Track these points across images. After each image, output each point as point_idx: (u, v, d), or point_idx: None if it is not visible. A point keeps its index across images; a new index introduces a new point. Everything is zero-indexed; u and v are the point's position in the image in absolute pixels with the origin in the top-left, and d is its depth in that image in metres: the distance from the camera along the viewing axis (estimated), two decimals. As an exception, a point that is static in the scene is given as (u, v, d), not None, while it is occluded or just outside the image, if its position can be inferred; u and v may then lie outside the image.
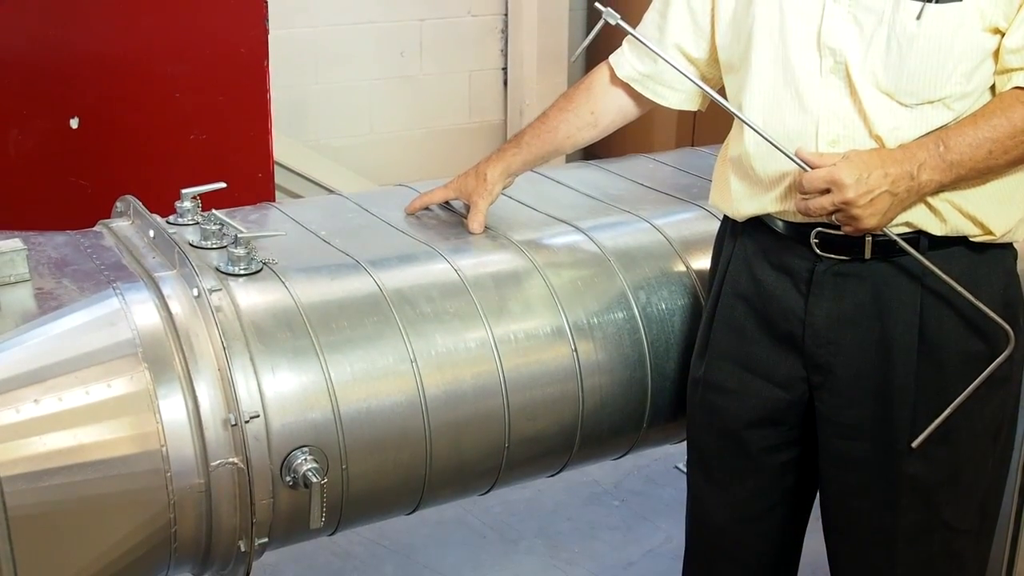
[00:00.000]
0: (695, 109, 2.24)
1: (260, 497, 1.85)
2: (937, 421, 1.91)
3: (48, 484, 1.71)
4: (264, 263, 2.05)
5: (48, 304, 1.93)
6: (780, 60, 1.92)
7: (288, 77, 4.64)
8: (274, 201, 3.41)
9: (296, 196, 4.53)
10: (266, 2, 3.55)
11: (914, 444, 1.93)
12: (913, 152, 1.80)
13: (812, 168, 1.81)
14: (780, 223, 1.98)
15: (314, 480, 1.85)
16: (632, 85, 2.22)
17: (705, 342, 2.13)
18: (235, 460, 1.83)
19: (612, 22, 1.95)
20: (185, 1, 3.45)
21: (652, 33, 2.17)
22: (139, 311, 1.90)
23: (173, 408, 1.81)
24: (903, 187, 1.79)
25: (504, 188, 2.34)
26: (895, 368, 1.93)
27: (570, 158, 3.81)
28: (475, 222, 2.29)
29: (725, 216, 2.14)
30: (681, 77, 2.11)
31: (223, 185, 2.25)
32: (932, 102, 1.83)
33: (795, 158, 1.83)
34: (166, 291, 1.93)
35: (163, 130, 3.49)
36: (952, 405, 1.91)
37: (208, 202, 2.24)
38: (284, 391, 1.88)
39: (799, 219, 1.92)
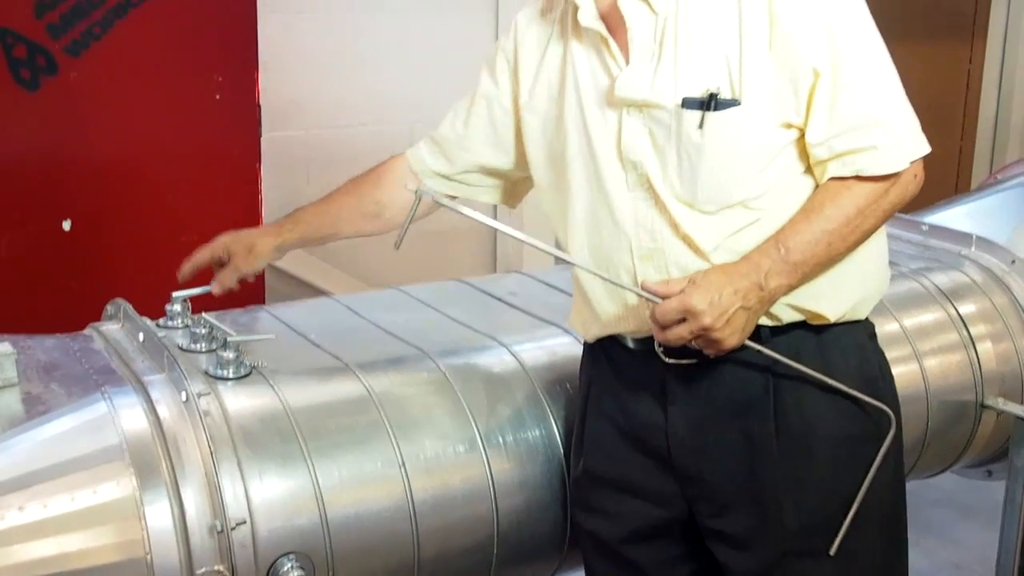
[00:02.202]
0: (499, 203, 2.25)
1: (246, 605, 1.83)
2: (847, 522, 1.89)
3: (31, 593, 1.69)
4: (253, 367, 2.05)
5: (36, 409, 1.92)
6: (593, 178, 1.92)
7: (280, 178, 4.67)
8: (264, 303, 3.41)
9: (287, 297, 4.53)
10: (259, 106, 3.59)
11: (831, 551, 1.90)
12: (756, 262, 1.79)
13: (661, 298, 1.79)
14: (630, 339, 1.98)
15: (300, 587, 1.84)
16: (426, 181, 2.20)
17: (579, 463, 2.09)
18: (220, 568, 1.81)
19: (428, 197, 1.90)
20: (179, 105, 3.48)
21: (450, 137, 2.20)
22: (127, 416, 1.89)
23: (159, 515, 1.79)
24: (754, 299, 1.78)
25: (270, 262, 2.28)
26: (761, 464, 1.90)
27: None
28: (221, 285, 2.22)
29: None
30: (482, 177, 2.17)
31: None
32: (731, 206, 1.83)
33: (641, 292, 1.82)
34: (154, 395, 1.92)
35: (155, 232, 3.50)
36: (857, 500, 1.90)
37: (199, 305, 2.25)
38: (271, 497, 1.87)
39: (644, 332, 1.91)
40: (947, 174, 6.30)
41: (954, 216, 3.18)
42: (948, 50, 6.36)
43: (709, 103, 1.78)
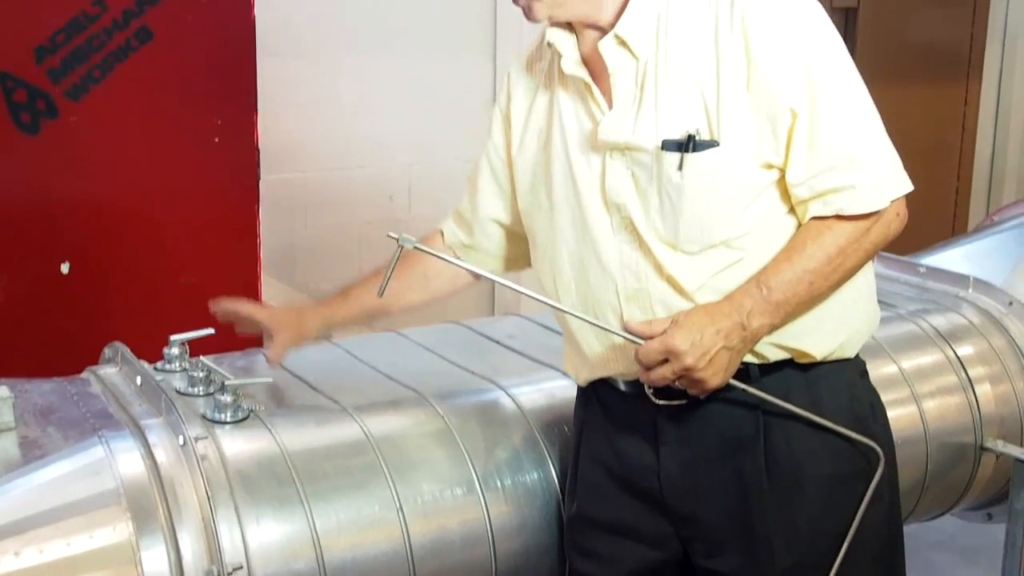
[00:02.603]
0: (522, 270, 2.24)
1: (242, 651, 1.82)
2: (838, 560, 1.89)
3: (26, 639, 1.68)
4: (251, 410, 2.05)
5: (32, 453, 1.92)
6: (579, 222, 1.94)
7: (278, 221, 4.68)
8: (262, 346, 3.41)
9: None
10: (258, 149, 3.60)
11: None
12: (739, 302, 1.80)
13: (644, 339, 1.80)
14: (620, 381, 1.98)
15: (297, 633, 1.83)
16: (456, 253, 2.22)
17: (572, 506, 2.09)
18: (217, 613, 1.80)
19: (409, 247, 1.90)
20: (177, 148, 3.49)
21: (467, 206, 2.22)
22: (124, 460, 1.88)
23: (155, 560, 1.78)
24: (737, 339, 1.79)
25: (317, 339, 2.25)
26: (752, 503, 1.90)
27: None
28: (272, 353, 2.19)
29: None
30: (500, 243, 2.19)
31: (211, 331, 2.27)
32: (714, 246, 1.84)
33: (624, 334, 1.83)
34: (152, 439, 1.92)
35: (153, 275, 3.51)
36: (847, 538, 1.89)
37: (197, 347, 2.25)
38: (268, 541, 1.86)
39: (633, 375, 1.91)
40: (944, 215, 6.32)
41: (951, 258, 3.18)
42: (944, 91, 6.39)
43: (687, 144, 1.80)
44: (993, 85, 6.71)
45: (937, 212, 6.34)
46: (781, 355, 1.89)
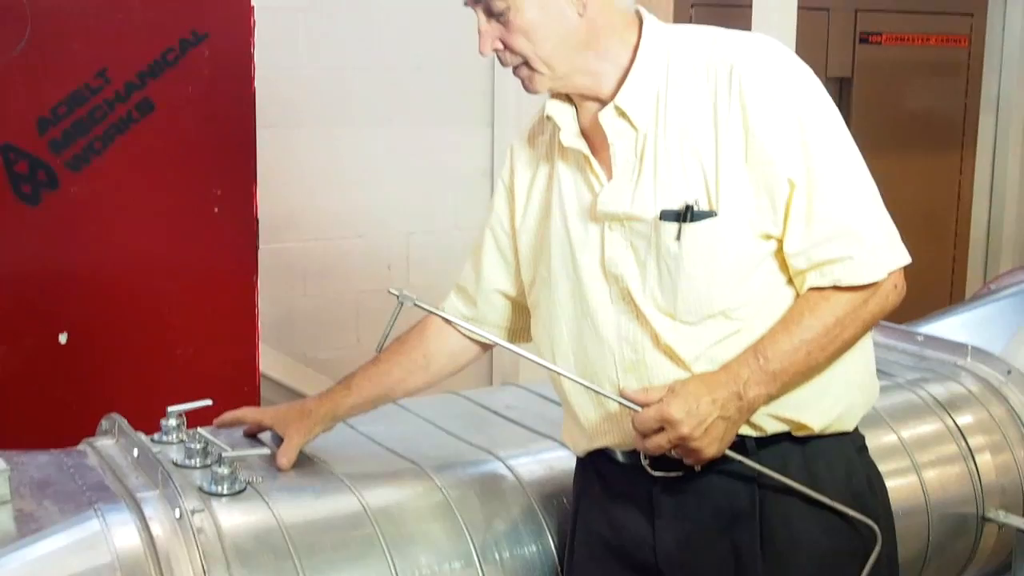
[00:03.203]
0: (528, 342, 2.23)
1: None
2: None
3: None
4: (248, 482, 2.04)
5: (28, 526, 1.91)
6: (577, 293, 1.95)
7: (276, 290, 4.69)
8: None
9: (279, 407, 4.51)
10: (257, 219, 3.62)
11: None
12: (735, 371, 1.81)
13: (640, 406, 1.80)
14: (618, 452, 1.98)
15: None
16: (458, 328, 2.20)
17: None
18: None
19: (408, 304, 1.94)
20: (177, 219, 3.50)
21: (470, 278, 2.23)
22: (119, 533, 1.87)
23: (151, 635, 1.77)
24: (733, 409, 1.79)
25: (324, 431, 2.22)
26: None
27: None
28: (285, 457, 2.14)
29: None
30: (504, 315, 2.19)
31: (209, 403, 2.26)
32: (712, 316, 1.84)
33: (621, 400, 1.84)
34: (148, 512, 1.91)
35: (151, 346, 3.50)
36: None
37: (194, 418, 2.24)
38: (265, 616, 1.84)
39: (630, 445, 1.91)
40: (941, 284, 6.33)
41: (949, 326, 3.18)
42: (939, 160, 6.43)
43: (685, 214, 1.81)
44: (987, 154, 6.76)
45: (934, 280, 6.36)
46: (779, 427, 1.88)
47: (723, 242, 1.82)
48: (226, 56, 3.49)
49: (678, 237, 1.82)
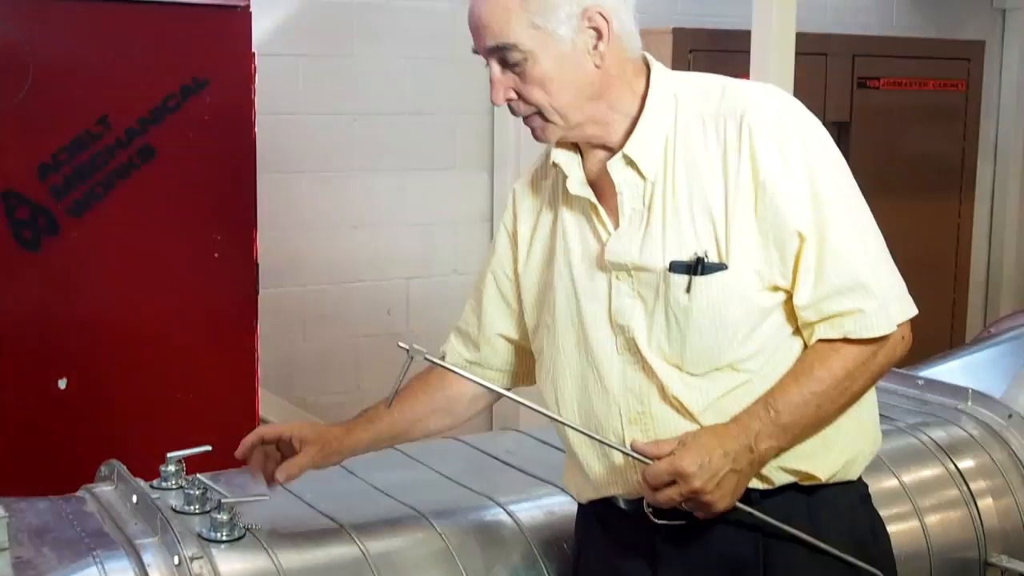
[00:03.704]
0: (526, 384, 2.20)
1: None
2: None
3: None
4: (247, 528, 2.03)
5: (26, 573, 1.90)
6: (582, 342, 1.94)
7: (276, 336, 4.69)
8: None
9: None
10: (257, 264, 3.62)
11: None
12: (747, 424, 1.80)
13: (651, 459, 1.78)
14: (622, 500, 1.96)
15: None
16: (461, 373, 2.11)
17: None
18: None
19: (419, 358, 1.88)
20: (177, 264, 3.51)
21: (472, 322, 2.17)
22: (118, 581, 1.86)
23: None
24: (744, 462, 1.78)
25: (341, 460, 2.12)
26: None
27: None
28: (284, 473, 2.02)
29: None
30: (508, 359, 2.15)
31: (208, 448, 2.26)
32: (720, 368, 1.84)
33: (631, 452, 1.82)
34: (147, 559, 1.90)
35: (151, 391, 3.50)
36: None
37: (194, 464, 2.23)
38: (264, 664, 1.83)
39: (635, 494, 1.90)
40: (941, 328, 6.32)
41: (949, 370, 3.18)
42: (937, 204, 6.43)
43: (696, 267, 1.80)
44: (986, 199, 6.78)
45: (934, 324, 6.34)
46: (787, 479, 1.88)
47: (733, 294, 1.82)
48: (227, 102, 3.51)
49: (688, 289, 1.81)
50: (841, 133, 5.96)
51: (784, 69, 4.05)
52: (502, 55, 1.83)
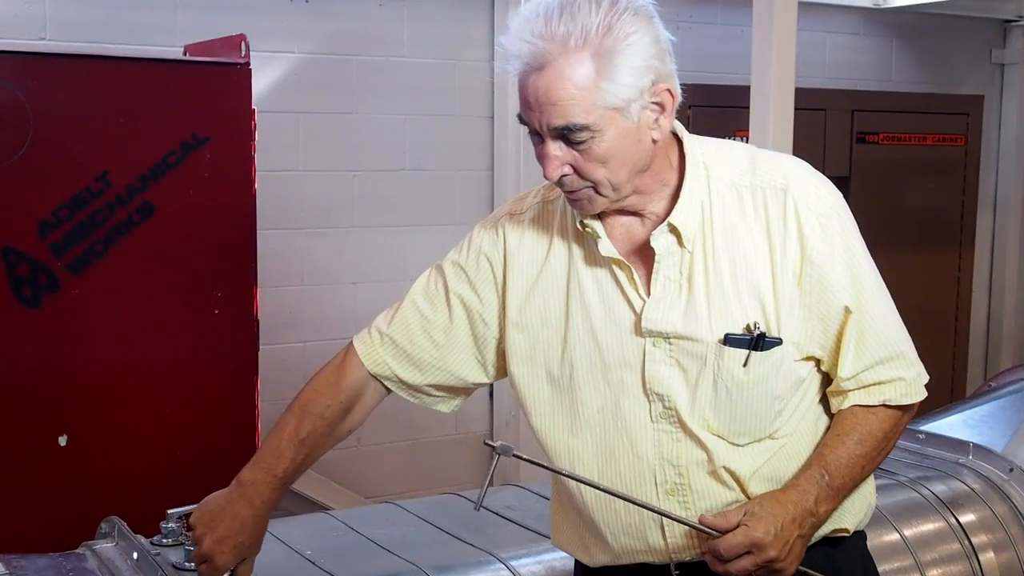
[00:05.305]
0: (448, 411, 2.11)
1: None
2: None
3: None
4: (247, 585, 2.02)
5: (24, 632, 1.89)
6: (609, 407, 1.89)
7: (276, 390, 4.68)
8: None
9: (282, 509, 4.49)
10: (257, 321, 3.63)
11: None
12: (805, 489, 1.82)
13: (721, 532, 1.77)
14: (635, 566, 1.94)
15: None
16: (385, 385, 2.06)
17: None
18: None
19: (508, 455, 1.79)
20: (177, 321, 3.51)
21: (422, 349, 2.03)
22: (117, 638, 1.86)
23: None
24: (808, 526, 1.81)
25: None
26: None
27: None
28: None
29: None
30: (443, 390, 2.04)
31: (208, 505, 2.24)
32: (761, 439, 1.86)
33: (701, 527, 1.79)
34: (146, 616, 1.89)
35: (151, 447, 3.49)
36: None
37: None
38: None
39: (659, 561, 1.89)
40: (942, 381, 6.32)
41: (950, 424, 3.18)
42: (937, 258, 6.46)
43: (757, 342, 1.80)
44: (986, 252, 6.80)
45: (935, 378, 6.34)
46: (822, 535, 1.90)
47: (782, 367, 1.84)
48: (227, 159, 3.53)
49: (746, 364, 1.81)
50: (841, 188, 5.99)
51: (783, 124, 4.07)
52: (568, 134, 1.75)
